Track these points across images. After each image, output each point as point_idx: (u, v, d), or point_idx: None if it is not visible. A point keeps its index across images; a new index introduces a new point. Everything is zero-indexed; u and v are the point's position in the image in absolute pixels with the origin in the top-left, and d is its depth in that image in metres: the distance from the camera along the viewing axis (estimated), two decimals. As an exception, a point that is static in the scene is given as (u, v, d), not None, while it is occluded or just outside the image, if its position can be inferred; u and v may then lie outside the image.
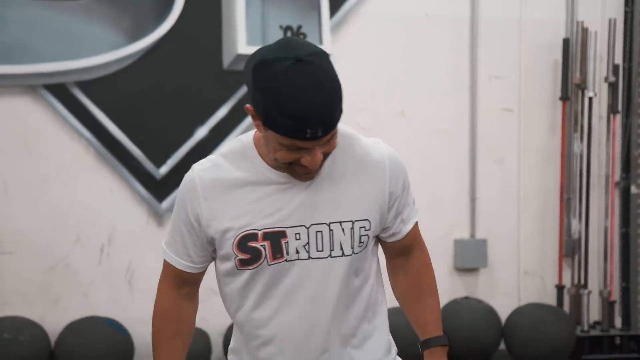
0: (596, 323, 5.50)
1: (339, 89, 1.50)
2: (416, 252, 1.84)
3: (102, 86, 4.87)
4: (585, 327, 5.38)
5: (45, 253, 4.87)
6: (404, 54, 5.42)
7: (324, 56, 1.52)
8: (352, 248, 1.67)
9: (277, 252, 1.64)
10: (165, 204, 5.01)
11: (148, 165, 4.96)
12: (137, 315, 4.90)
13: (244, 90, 5.09)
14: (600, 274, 5.62)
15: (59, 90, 4.84)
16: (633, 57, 5.69)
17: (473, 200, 5.52)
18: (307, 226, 1.64)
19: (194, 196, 1.64)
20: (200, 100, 5.03)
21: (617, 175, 5.64)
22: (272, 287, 1.67)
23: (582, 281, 5.52)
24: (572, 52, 5.51)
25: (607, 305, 5.48)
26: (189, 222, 1.66)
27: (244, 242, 1.63)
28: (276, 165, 1.60)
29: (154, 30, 4.97)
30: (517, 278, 5.66)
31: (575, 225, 5.62)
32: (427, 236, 2.22)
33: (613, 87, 5.53)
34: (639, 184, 5.75)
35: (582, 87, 5.48)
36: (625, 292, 5.66)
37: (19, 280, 4.84)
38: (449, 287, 5.46)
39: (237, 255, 1.64)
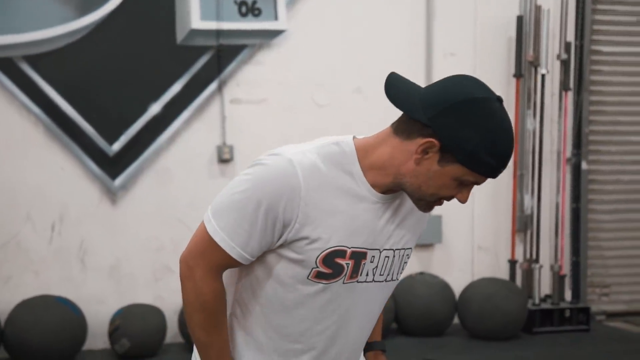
0: (547, 296, 5.60)
1: None
2: None
3: (51, 61, 4.80)
4: (537, 301, 5.48)
5: None
6: (360, 30, 5.39)
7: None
8: (398, 274, 1.71)
9: (355, 272, 1.62)
10: (119, 181, 4.96)
11: (100, 142, 4.92)
12: (90, 294, 4.91)
13: (198, 65, 5.07)
14: (552, 249, 5.71)
15: (6, 64, 4.75)
16: (585, 34, 5.77)
17: None
18: (381, 250, 1.64)
19: (294, 196, 1.53)
20: (154, 76, 5.02)
21: (568, 151, 5.74)
22: (334, 302, 1.64)
23: (534, 256, 5.61)
24: (526, 30, 5.52)
25: (558, 279, 5.58)
26: (274, 220, 1.55)
27: (332, 257, 1.58)
28: (380, 188, 1.59)
29: (105, 3, 4.88)
30: (471, 253, 5.75)
31: (528, 201, 5.68)
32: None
33: (565, 64, 5.59)
34: (589, 160, 5.88)
35: (535, 64, 5.51)
36: (575, 266, 5.81)
37: None
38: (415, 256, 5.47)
39: (318, 267, 1.58)
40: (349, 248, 1.59)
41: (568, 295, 5.74)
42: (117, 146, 4.96)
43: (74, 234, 4.94)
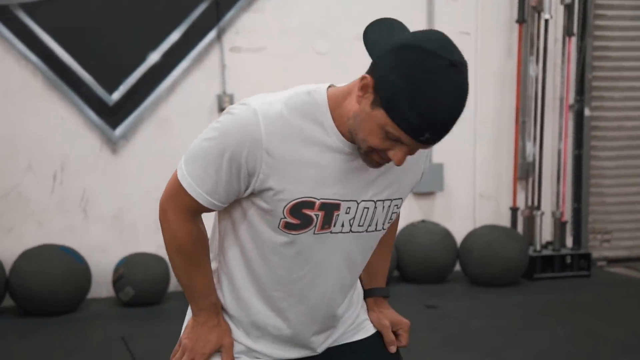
0: (548, 243, 5.65)
1: (465, 105, 1.44)
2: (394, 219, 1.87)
3: (48, 8, 4.77)
4: (538, 247, 5.53)
5: None
6: (361, -25, 5.34)
7: (468, 69, 1.46)
8: (384, 224, 1.69)
9: (327, 223, 1.61)
10: (119, 130, 4.97)
11: (99, 91, 4.93)
12: (93, 243, 4.97)
13: (196, 13, 5.04)
14: (553, 196, 5.74)
15: (3, 12, 4.72)
16: (589, -22, 5.71)
17: None
18: (359, 202, 1.62)
19: (255, 146, 1.52)
20: (152, 24, 5.00)
21: (571, 98, 5.73)
22: (306, 254, 1.64)
23: (536, 203, 5.64)
24: (530, -26, 5.48)
25: (559, 226, 5.63)
26: (238, 169, 1.55)
27: (299, 207, 1.57)
28: (350, 137, 1.54)
29: (102, -51, 4.81)
30: (472, 201, 5.79)
31: (530, 148, 5.69)
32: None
33: (569, 9, 5.56)
34: (592, 107, 5.88)
35: (538, 9, 5.47)
36: (577, 212, 5.87)
37: None
38: (406, 211, 5.45)
39: (286, 218, 1.58)
40: (318, 199, 1.58)
41: (569, 241, 5.80)
42: (116, 95, 4.96)
43: (76, 183, 4.96)
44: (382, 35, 1.45)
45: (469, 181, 5.77)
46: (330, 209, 1.60)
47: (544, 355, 4.07)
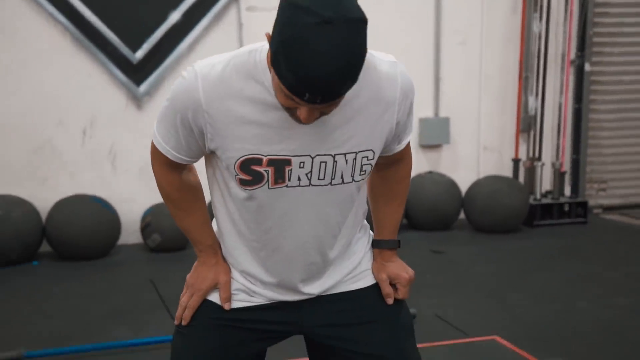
0: (547, 192, 5.72)
1: (356, 63, 1.34)
2: (401, 164, 1.81)
3: None
4: (538, 196, 5.60)
5: (30, 135, 4.94)
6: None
7: (358, 25, 1.33)
8: (353, 177, 1.62)
9: (280, 178, 1.57)
10: (143, 87, 5.05)
11: (124, 49, 4.98)
12: (121, 194, 5.08)
13: None
14: (553, 148, 5.79)
15: None
16: (592, -64, 5.63)
17: (437, 80, 5.58)
18: (313, 156, 1.57)
19: (196, 108, 1.52)
20: None
21: (572, 53, 5.73)
22: (267, 207, 1.62)
23: (537, 154, 5.70)
24: None
25: (558, 176, 5.68)
26: (190, 129, 1.56)
27: (247, 164, 1.55)
28: None
29: None
30: (476, 153, 5.88)
31: (532, 102, 5.71)
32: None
33: None
34: (592, 62, 5.89)
35: None
36: (575, 163, 5.93)
37: (7, 160, 4.94)
38: (413, 163, 5.50)
39: (238, 175, 1.57)
40: (265, 156, 1.54)
41: (567, 190, 5.85)
42: (140, 54, 5.01)
43: (104, 137, 5.05)
44: None
45: (473, 134, 5.83)
46: (280, 164, 1.55)
47: (543, 296, 4.09)
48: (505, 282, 4.38)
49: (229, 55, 1.52)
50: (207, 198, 1.69)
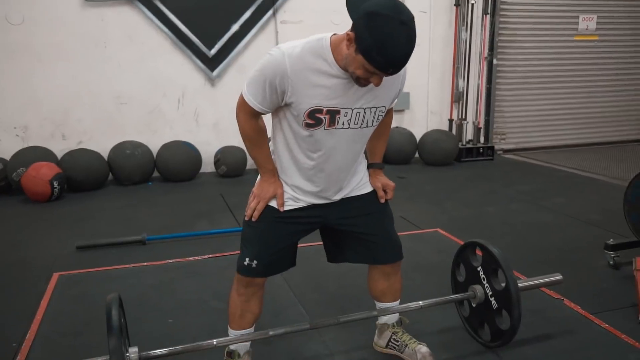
0: (470, 140, 6.02)
1: (414, 48, 1.40)
2: (387, 118, 1.84)
3: None
4: (464, 142, 5.95)
5: (146, 103, 5.19)
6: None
7: (414, 23, 1.40)
8: (373, 123, 1.64)
9: (332, 122, 1.57)
10: (215, 72, 5.25)
11: (203, 48, 5.21)
12: (202, 140, 5.34)
13: (260, 0, 5.21)
14: (474, 112, 6.08)
15: (147, 1, 5.01)
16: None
17: (404, 69, 5.58)
18: (353, 108, 1.58)
19: (284, 74, 1.50)
20: (233, 7, 5.20)
21: (486, 52, 5.96)
22: (321, 141, 1.62)
23: (464, 116, 6.00)
24: (461, -26, 5.57)
25: (476, 130, 6.01)
26: (274, 89, 1.52)
27: (313, 112, 1.55)
28: (344, 67, 1.50)
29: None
30: (426, 115, 6.07)
31: (461, 83, 5.95)
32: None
33: None
34: (498, 58, 6.11)
35: None
36: (487, 122, 6.15)
37: (132, 119, 5.18)
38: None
39: (305, 120, 1.56)
40: (325, 107, 1.54)
41: (482, 139, 6.07)
42: (213, 51, 5.20)
43: (191, 104, 5.26)
44: (355, 3, 1.39)
45: (424, 103, 5.98)
46: (333, 113, 1.56)
47: (467, 204, 4.13)
48: (444, 195, 4.41)
49: (304, 41, 1.54)
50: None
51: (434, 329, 2.28)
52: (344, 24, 5.79)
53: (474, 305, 2.16)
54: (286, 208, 1.70)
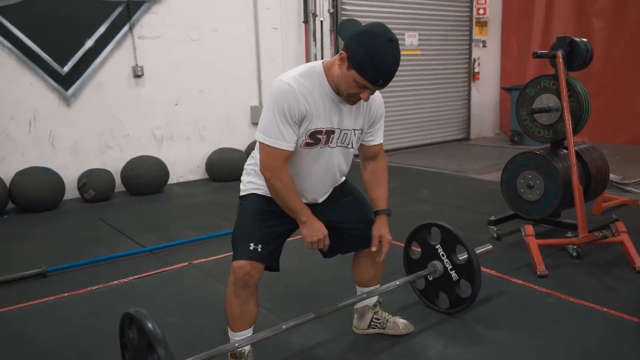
0: None
1: (399, 65, 1.51)
2: (380, 159, 1.90)
3: (15, 11, 4.68)
4: None
5: None
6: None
7: (398, 43, 1.51)
8: (353, 144, 1.75)
9: (327, 142, 1.67)
10: (70, 91, 4.98)
11: (55, 65, 4.91)
12: (60, 165, 5.01)
13: (115, 14, 5.06)
14: None
15: None
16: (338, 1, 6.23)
17: (260, 81, 5.88)
18: (342, 129, 1.68)
19: (297, 102, 1.56)
20: (87, 21, 4.98)
21: None
22: (317, 157, 1.70)
23: None
24: (310, -6, 5.85)
25: None
26: (291, 119, 1.56)
27: (315, 133, 1.63)
28: (337, 91, 1.60)
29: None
30: None
31: None
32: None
33: (332, 15, 6.20)
34: None
35: (315, 15, 6.04)
36: None
37: None
38: (249, 135, 5.76)
39: (306, 140, 1.63)
40: (325, 128, 1.64)
41: None
42: (66, 68, 4.94)
43: (45, 127, 4.91)
44: (347, 28, 1.60)
45: None
46: (329, 133, 1.65)
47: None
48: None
49: (298, 70, 1.61)
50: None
51: (395, 308, 2.43)
52: (202, 39, 5.65)
53: (430, 279, 2.34)
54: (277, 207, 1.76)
